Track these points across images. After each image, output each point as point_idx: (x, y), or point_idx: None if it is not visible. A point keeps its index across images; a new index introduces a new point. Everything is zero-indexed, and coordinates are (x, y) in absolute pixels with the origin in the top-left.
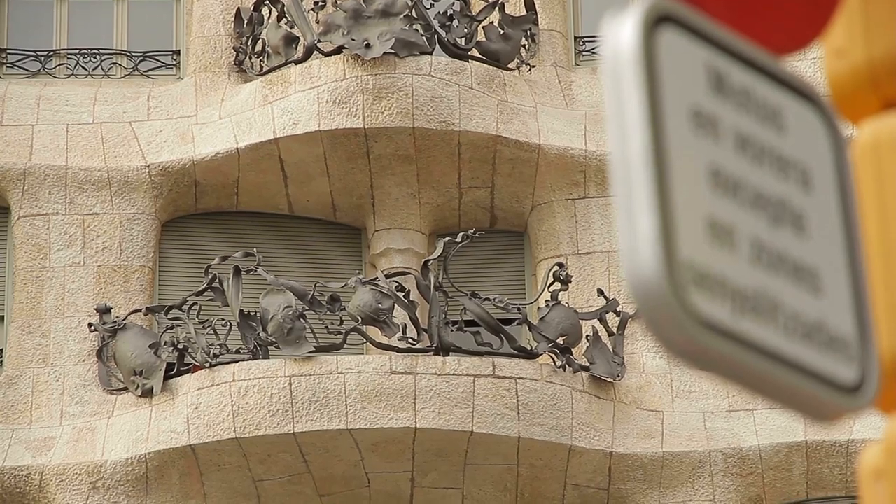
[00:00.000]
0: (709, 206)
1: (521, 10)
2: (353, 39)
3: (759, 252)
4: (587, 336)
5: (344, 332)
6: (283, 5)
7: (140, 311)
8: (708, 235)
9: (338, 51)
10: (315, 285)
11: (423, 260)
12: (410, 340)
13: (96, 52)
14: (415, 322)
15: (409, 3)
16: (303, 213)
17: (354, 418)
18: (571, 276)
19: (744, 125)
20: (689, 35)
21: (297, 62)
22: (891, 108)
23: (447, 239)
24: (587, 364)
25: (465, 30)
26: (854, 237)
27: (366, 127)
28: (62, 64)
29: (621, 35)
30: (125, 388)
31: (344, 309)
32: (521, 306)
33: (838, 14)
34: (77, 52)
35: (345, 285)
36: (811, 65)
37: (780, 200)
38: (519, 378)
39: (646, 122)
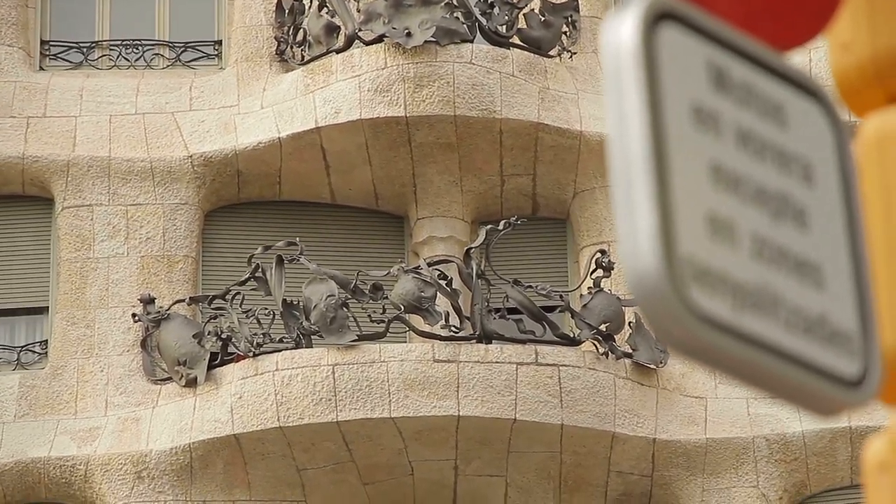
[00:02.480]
0: (709, 202)
1: None
2: (394, 28)
3: (761, 247)
4: (630, 323)
5: (387, 320)
6: None
7: (183, 300)
8: (708, 231)
9: (379, 39)
10: (357, 274)
11: (466, 248)
12: (453, 328)
13: (138, 43)
14: (457, 310)
15: None
16: (345, 202)
17: (397, 406)
18: (614, 263)
19: (745, 121)
20: (689, 31)
21: (338, 51)
22: None
23: (489, 227)
24: (630, 351)
25: (506, 17)
26: (857, 231)
27: (407, 115)
28: (105, 55)
29: (621, 32)
30: (169, 378)
31: (386, 297)
32: (563, 293)
33: (843, 8)
34: (119, 43)
35: (387, 274)
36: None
37: (782, 195)
38: (562, 365)
39: (646, 119)
